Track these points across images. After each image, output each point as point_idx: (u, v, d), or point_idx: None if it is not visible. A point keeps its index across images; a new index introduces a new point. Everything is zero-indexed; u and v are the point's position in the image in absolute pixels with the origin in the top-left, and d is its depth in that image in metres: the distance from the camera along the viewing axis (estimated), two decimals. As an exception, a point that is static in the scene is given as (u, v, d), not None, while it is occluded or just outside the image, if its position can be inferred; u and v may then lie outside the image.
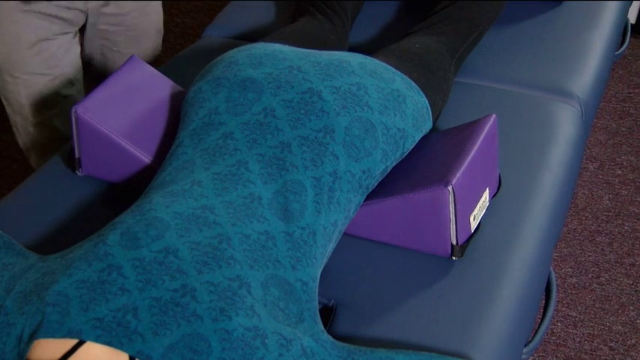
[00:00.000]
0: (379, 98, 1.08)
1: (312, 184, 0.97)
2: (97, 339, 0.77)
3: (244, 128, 1.02)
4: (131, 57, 1.21)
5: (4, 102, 1.44)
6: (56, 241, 1.08)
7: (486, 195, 1.11)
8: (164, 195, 0.94)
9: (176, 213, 0.90)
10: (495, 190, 1.16)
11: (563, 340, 1.65)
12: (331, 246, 1.00)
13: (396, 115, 1.09)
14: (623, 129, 2.20)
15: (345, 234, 1.10)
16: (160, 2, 1.54)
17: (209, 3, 2.67)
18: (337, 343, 0.89)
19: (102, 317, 0.79)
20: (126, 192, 1.15)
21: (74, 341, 0.78)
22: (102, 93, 1.14)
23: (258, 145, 1.00)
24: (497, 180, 1.16)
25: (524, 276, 1.07)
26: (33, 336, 0.79)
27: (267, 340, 0.81)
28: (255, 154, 0.99)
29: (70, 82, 1.44)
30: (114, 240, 0.87)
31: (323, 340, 0.87)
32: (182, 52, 1.56)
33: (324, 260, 0.98)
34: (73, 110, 1.11)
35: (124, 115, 1.13)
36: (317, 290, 0.94)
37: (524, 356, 1.08)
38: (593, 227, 1.91)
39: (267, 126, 1.01)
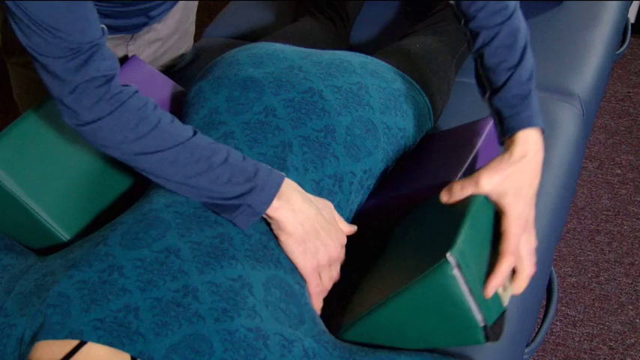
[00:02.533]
0: (380, 98, 1.08)
1: (311, 187, 0.97)
2: (99, 340, 0.77)
3: (245, 127, 1.01)
4: (132, 57, 1.21)
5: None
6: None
7: (487, 195, 1.11)
8: (165, 195, 0.94)
9: (177, 213, 0.90)
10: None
11: (562, 340, 1.65)
12: None
13: (397, 114, 1.09)
14: (622, 128, 2.20)
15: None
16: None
17: (209, 3, 2.67)
18: (339, 342, 0.89)
19: (103, 318, 0.78)
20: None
21: (75, 342, 0.78)
22: None
23: (258, 145, 0.99)
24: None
25: (526, 276, 1.07)
26: (34, 338, 0.78)
27: (269, 341, 0.80)
28: (255, 154, 0.98)
29: None
30: (115, 240, 0.86)
31: (324, 340, 0.87)
32: (182, 51, 1.55)
33: None
34: None
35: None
36: None
37: (525, 356, 1.08)
38: (592, 227, 1.91)
39: (268, 125, 1.01)
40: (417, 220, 0.99)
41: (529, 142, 0.90)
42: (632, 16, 2.44)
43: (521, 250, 0.88)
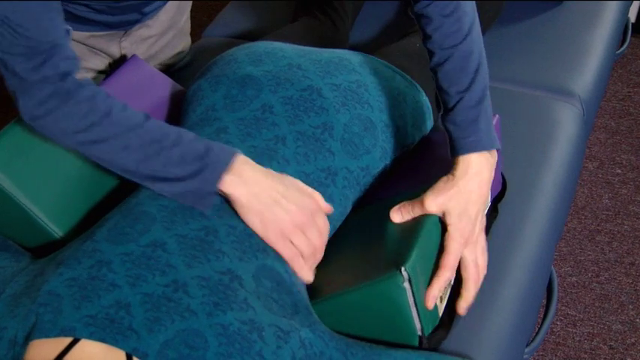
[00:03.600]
0: (379, 96, 1.08)
1: (300, 179, 0.97)
2: (91, 336, 0.76)
3: (239, 123, 1.01)
4: (132, 56, 1.21)
5: None
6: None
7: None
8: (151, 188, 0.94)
9: (162, 206, 0.90)
10: (497, 190, 1.16)
11: (562, 339, 1.65)
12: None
13: (396, 113, 1.09)
14: (623, 128, 2.20)
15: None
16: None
17: (209, 3, 2.67)
18: (335, 334, 0.89)
19: (94, 314, 0.78)
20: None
21: (68, 340, 0.77)
22: None
23: (251, 138, 0.99)
24: (499, 180, 1.16)
25: (526, 275, 1.07)
26: (28, 338, 0.78)
27: (264, 333, 0.80)
28: (247, 146, 0.98)
29: None
30: (101, 236, 0.86)
31: (320, 331, 0.87)
32: (182, 51, 1.55)
33: None
34: None
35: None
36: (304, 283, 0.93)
37: (525, 356, 1.08)
38: (592, 226, 1.91)
39: (264, 121, 1.01)
40: (379, 213, 1.01)
41: (471, 163, 0.95)
42: (632, 16, 2.44)
43: (467, 271, 0.94)
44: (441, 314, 0.94)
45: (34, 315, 0.79)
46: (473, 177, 0.95)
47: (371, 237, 0.97)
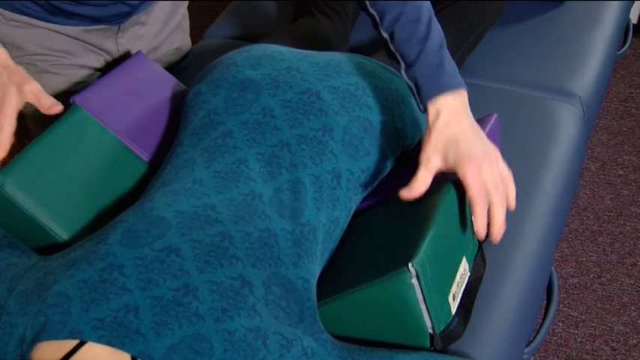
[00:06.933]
0: (378, 98, 1.08)
1: (311, 182, 0.97)
2: (99, 340, 0.77)
3: (243, 127, 1.02)
4: (137, 53, 1.21)
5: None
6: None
7: (487, 195, 1.10)
8: (165, 194, 0.94)
9: (178, 212, 0.90)
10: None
11: (564, 340, 1.65)
12: (332, 244, 0.99)
13: (395, 114, 1.09)
14: (625, 129, 2.20)
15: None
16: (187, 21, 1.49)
17: (210, 4, 2.68)
18: (337, 342, 0.89)
19: (103, 317, 0.78)
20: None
21: (75, 341, 0.78)
22: (103, 86, 1.12)
23: (257, 144, 1.00)
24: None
25: (526, 275, 1.07)
26: (36, 338, 0.79)
27: (268, 341, 0.80)
28: (254, 153, 0.99)
29: None
30: (115, 239, 0.86)
31: (323, 339, 0.87)
32: (183, 52, 1.55)
33: (326, 257, 0.98)
34: (72, 100, 1.08)
35: (123, 110, 1.11)
36: (315, 289, 0.93)
37: (525, 356, 1.08)
38: (594, 227, 1.90)
39: (266, 125, 1.02)
40: (386, 213, 1.01)
41: (441, 107, 0.98)
42: (634, 17, 2.44)
43: (492, 197, 0.95)
44: (454, 312, 0.93)
45: (43, 315, 0.79)
46: (452, 118, 0.98)
47: (379, 236, 0.97)
